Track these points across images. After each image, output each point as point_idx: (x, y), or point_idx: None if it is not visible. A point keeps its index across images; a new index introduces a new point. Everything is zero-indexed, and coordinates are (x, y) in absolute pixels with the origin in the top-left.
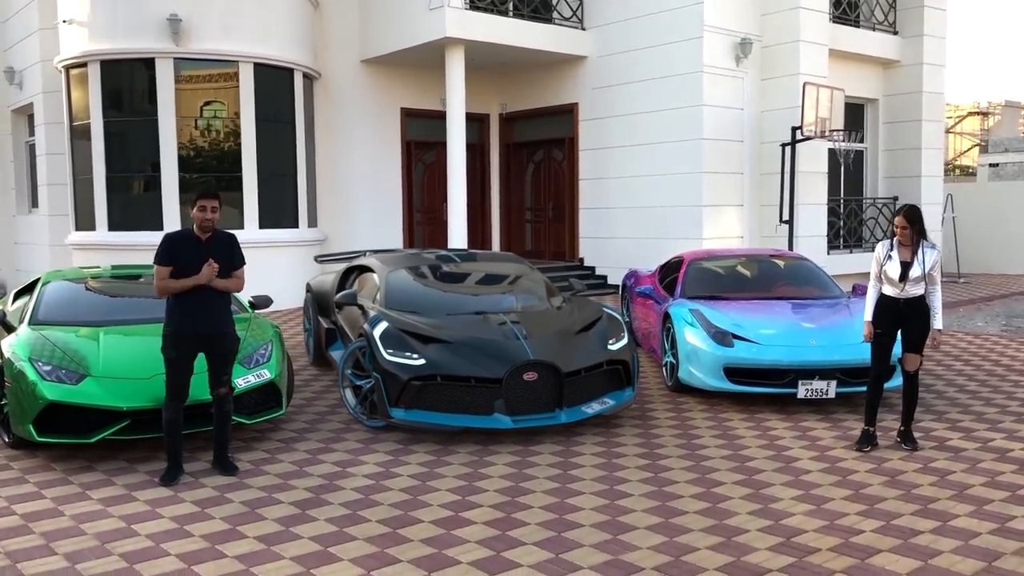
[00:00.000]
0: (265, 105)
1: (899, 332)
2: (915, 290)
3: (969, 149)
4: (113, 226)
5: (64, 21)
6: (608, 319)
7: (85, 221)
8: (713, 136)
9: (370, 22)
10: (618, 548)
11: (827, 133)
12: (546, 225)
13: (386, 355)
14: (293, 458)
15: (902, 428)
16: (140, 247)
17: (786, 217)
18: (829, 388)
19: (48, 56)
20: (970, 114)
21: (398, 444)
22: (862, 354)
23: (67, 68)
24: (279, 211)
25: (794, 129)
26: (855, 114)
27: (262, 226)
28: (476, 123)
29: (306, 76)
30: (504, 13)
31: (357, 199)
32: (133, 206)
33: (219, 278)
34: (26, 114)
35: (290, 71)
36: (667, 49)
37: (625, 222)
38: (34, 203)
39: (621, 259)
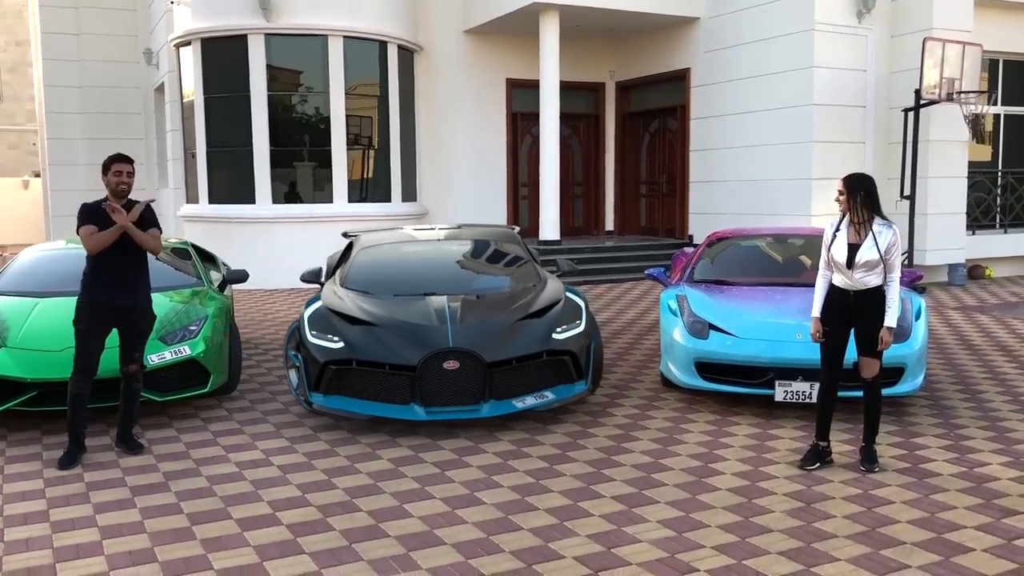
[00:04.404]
0: (356, 78)
1: (851, 331)
2: (869, 279)
3: None
4: (213, 199)
5: (172, 2)
6: (565, 305)
7: (193, 194)
8: (827, 101)
9: None
10: (403, 564)
11: (955, 95)
12: (660, 200)
13: (309, 336)
14: (195, 438)
15: (863, 445)
16: (235, 220)
17: (907, 192)
18: (812, 391)
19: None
20: None
21: (309, 430)
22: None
23: (177, 47)
24: (371, 185)
25: (917, 92)
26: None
27: (351, 200)
28: (590, 92)
29: (403, 48)
30: None
31: (460, 173)
32: (229, 180)
33: (136, 248)
34: (162, 92)
35: (383, 44)
36: (778, 7)
37: (733, 196)
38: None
39: None
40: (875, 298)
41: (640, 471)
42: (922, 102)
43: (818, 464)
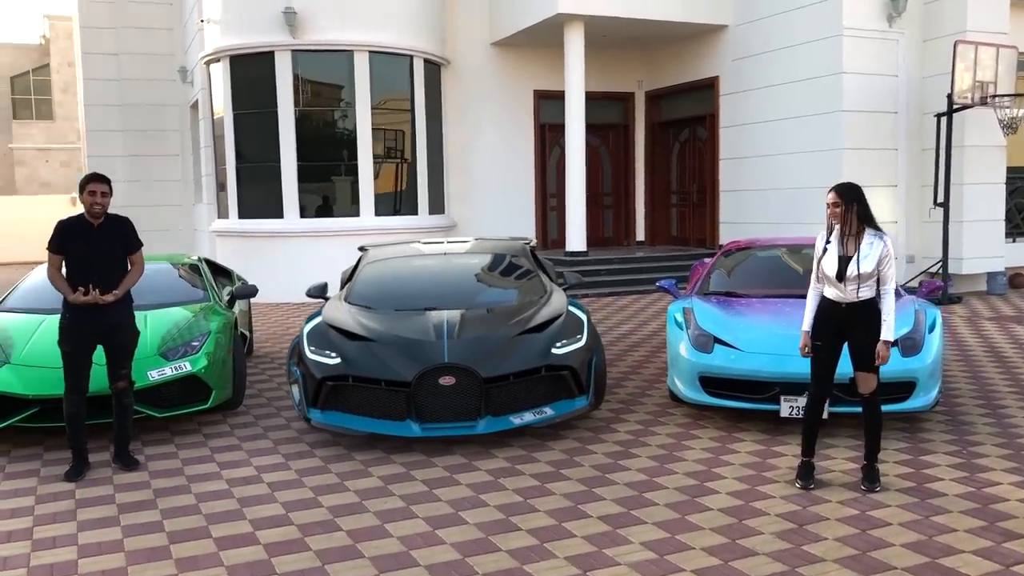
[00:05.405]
0: (383, 93)
1: (844, 345)
2: (862, 292)
3: None
4: (243, 214)
5: (202, 20)
6: (567, 319)
7: (223, 210)
8: (856, 108)
9: (497, 4)
10: None
11: (988, 99)
12: (691, 209)
13: (308, 352)
14: (192, 454)
15: (864, 463)
16: (264, 234)
17: (941, 199)
18: None
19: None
20: None
21: (307, 447)
22: None
23: (207, 64)
24: (398, 199)
25: (949, 97)
26: None
27: (378, 213)
28: (619, 102)
29: (429, 62)
30: None
31: (488, 185)
32: (258, 195)
33: (114, 266)
34: (197, 109)
35: (409, 58)
36: (806, 12)
37: (763, 205)
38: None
39: None
40: (869, 311)
41: (632, 490)
42: (955, 107)
43: (813, 482)
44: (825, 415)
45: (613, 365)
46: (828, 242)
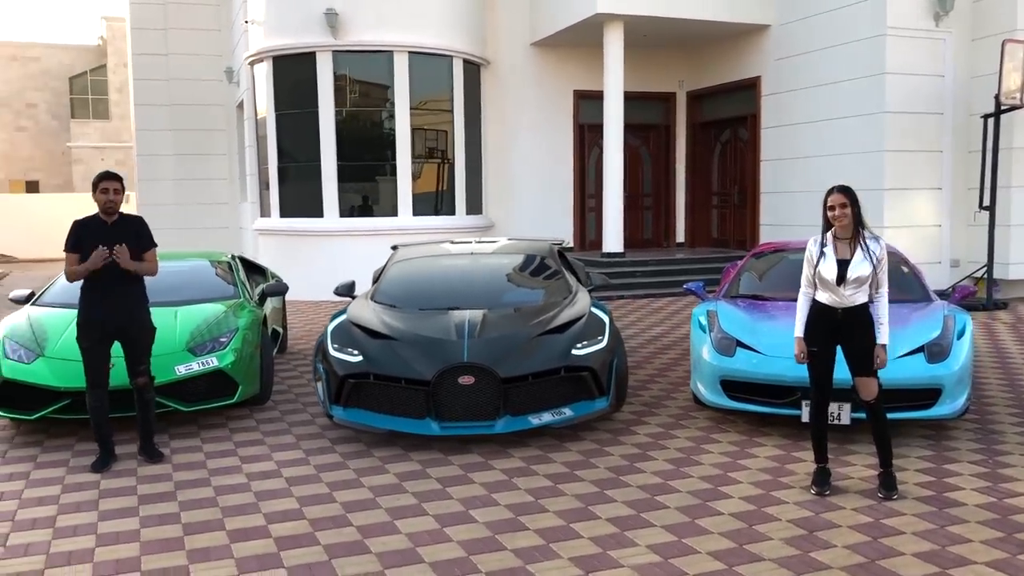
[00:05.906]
0: (422, 93)
1: (838, 349)
2: (857, 296)
3: None
4: (284, 213)
5: (246, 22)
6: (588, 320)
7: (266, 208)
8: (900, 108)
9: (537, 4)
10: None
11: None
12: (731, 211)
13: (331, 350)
14: (216, 448)
15: (880, 471)
16: (304, 233)
17: (987, 202)
18: (841, 412)
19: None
20: None
21: (328, 442)
22: (890, 372)
23: (251, 64)
24: (436, 198)
25: (997, 97)
26: None
27: (416, 213)
28: (660, 102)
29: (468, 62)
30: None
31: (526, 185)
32: (299, 194)
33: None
34: (243, 109)
35: (448, 58)
36: (850, 12)
37: (804, 208)
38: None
39: None
40: (862, 315)
41: (645, 492)
42: (1002, 108)
43: (828, 488)
44: (848, 421)
45: (640, 367)
46: (824, 245)
